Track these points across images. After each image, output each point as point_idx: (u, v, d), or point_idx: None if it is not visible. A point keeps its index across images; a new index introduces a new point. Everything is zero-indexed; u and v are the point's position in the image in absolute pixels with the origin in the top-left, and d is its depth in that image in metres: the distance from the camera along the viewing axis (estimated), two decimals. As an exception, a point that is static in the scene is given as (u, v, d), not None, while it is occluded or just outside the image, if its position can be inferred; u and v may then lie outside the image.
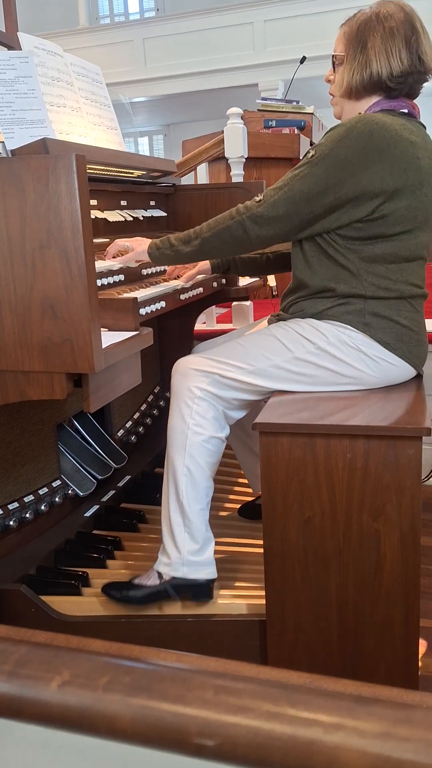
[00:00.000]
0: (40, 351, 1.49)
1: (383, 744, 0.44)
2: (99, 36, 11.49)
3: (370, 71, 1.93)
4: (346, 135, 1.82)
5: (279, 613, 1.86)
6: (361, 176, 1.81)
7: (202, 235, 1.99)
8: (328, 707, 0.47)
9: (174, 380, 2.00)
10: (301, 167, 1.88)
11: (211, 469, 2.01)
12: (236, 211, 1.95)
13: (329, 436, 1.74)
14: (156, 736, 0.49)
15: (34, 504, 2.20)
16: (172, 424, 1.98)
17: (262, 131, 4.76)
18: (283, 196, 1.88)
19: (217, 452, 2.02)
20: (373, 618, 1.80)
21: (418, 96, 2.02)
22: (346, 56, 1.97)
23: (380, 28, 1.91)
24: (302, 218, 1.89)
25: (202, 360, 1.99)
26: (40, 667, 0.54)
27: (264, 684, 0.50)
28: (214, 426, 1.98)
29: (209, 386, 1.96)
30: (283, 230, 1.92)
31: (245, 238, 1.95)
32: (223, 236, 1.96)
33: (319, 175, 1.84)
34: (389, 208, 1.84)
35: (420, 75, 1.94)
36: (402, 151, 1.82)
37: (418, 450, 1.70)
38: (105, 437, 2.58)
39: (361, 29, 1.94)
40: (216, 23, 10.65)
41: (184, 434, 1.96)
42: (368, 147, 1.80)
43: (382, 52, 1.91)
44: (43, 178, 1.41)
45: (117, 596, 2.05)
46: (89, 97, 2.31)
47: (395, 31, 1.90)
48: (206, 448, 1.98)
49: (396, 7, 1.93)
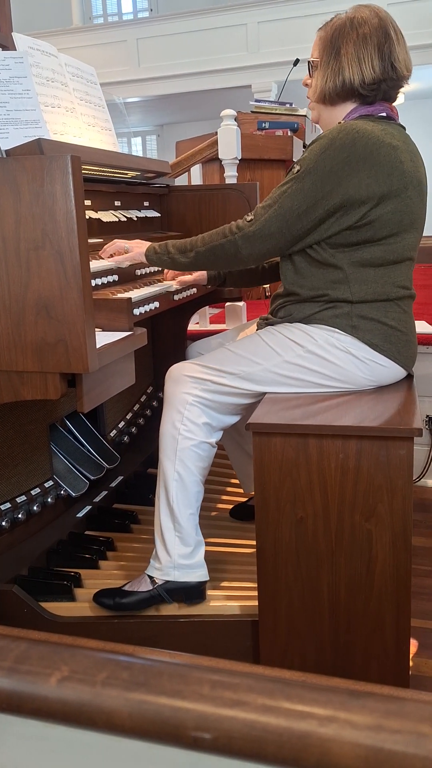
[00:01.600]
0: (34, 351, 1.49)
1: (375, 736, 0.45)
2: (92, 36, 11.47)
3: (342, 78, 1.93)
4: (329, 146, 1.83)
5: (271, 613, 1.87)
6: (347, 185, 1.82)
7: (197, 248, 2.01)
8: (321, 700, 0.48)
9: (167, 387, 2.02)
10: (288, 183, 1.89)
11: (201, 473, 2.03)
12: (229, 230, 1.97)
13: (322, 437, 1.75)
14: (153, 730, 0.50)
15: (27, 504, 2.21)
16: (163, 430, 2.01)
17: (256, 133, 4.77)
18: (274, 214, 1.89)
19: (208, 457, 2.04)
20: (364, 618, 1.81)
21: (396, 100, 2.03)
22: (320, 62, 1.98)
23: (354, 35, 1.91)
24: (294, 233, 1.90)
25: (194, 367, 2.00)
26: (39, 663, 0.55)
27: (259, 679, 0.51)
28: (204, 431, 2.01)
29: (201, 392, 1.99)
30: (276, 246, 1.94)
31: (238, 256, 1.97)
32: (217, 252, 1.99)
33: (306, 189, 1.85)
34: (376, 214, 1.85)
35: (393, 82, 1.94)
36: (385, 157, 1.83)
37: (410, 450, 1.71)
38: (98, 438, 2.58)
39: (335, 35, 1.94)
40: (210, 24, 10.65)
41: (175, 440, 1.99)
42: (351, 156, 1.81)
43: (355, 60, 1.91)
44: (38, 179, 1.42)
45: (109, 604, 2.06)
46: (83, 97, 2.32)
47: (368, 38, 1.90)
48: (196, 453, 2.00)
49: (371, 13, 1.93)
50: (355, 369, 1.95)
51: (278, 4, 10.21)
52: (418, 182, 1.91)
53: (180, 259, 2.05)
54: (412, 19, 8.90)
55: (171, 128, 14.71)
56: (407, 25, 1.99)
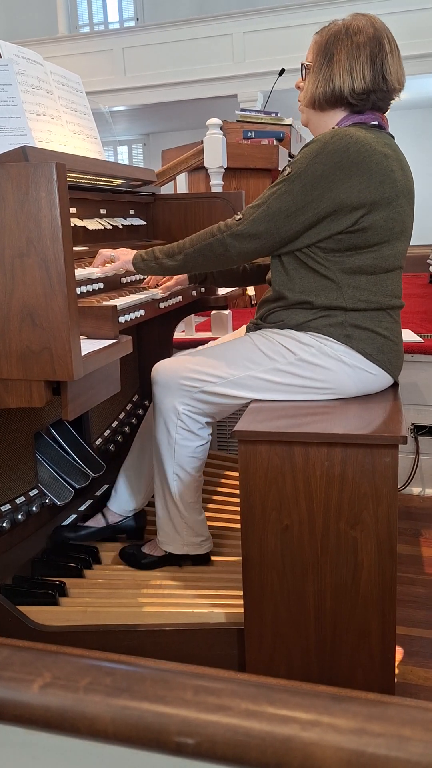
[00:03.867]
0: (18, 359, 1.49)
1: (358, 739, 0.45)
2: (78, 44, 11.49)
3: (332, 85, 1.95)
4: (321, 150, 1.83)
5: (257, 621, 1.87)
6: (338, 190, 1.83)
7: (185, 250, 2.02)
8: (304, 705, 0.48)
9: (155, 391, 2.04)
10: (279, 185, 1.90)
11: (199, 471, 2.15)
12: (217, 229, 1.98)
13: (307, 444, 1.75)
14: (136, 736, 0.50)
15: (11, 513, 2.19)
16: (158, 437, 2.07)
17: (242, 142, 4.79)
18: (262, 214, 1.90)
19: (204, 452, 2.15)
20: (350, 625, 1.81)
21: (387, 111, 2.04)
22: (313, 67, 2.00)
23: (348, 43, 1.92)
24: (282, 235, 1.91)
25: (183, 367, 2.01)
26: (22, 669, 0.55)
27: (243, 684, 0.51)
28: (198, 435, 2.10)
29: (191, 400, 2.04)
30: (264, 246, 1.94)
31: (226, 255, 1.97)
32: (205, 252, 1.99)
33: (296, 192, 1.86)
34: (369, 221, 1.86)
35: (383, 93, 1.95)
36: (377, 164, 1.84)
37: (395, 458, 1.72)
38: (83, 446, 2.57)
39: (330, 42, 1.95)
40: (195, 34, 10.69)
41: (171, 447, 2.08)
42: (344, 161, 1.82)
43: (346, 68, 1.92)
44: (23, 186, 1.41)
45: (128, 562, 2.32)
46: (69, 105, 2.32)
47: (362, 47, 1.91)
48: (193, 457, 2.11)
49: (367, 22, 1.94)
50: (345, 377, 1.96)
51: (264, 14, 10.28)
52: (408, 191, 1.93)
53: (168, 263, 2.05)
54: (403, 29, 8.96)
55: (157, 137, 14.75)
56: (397, 36, 2.00)
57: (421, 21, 9.42)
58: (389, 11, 9.13)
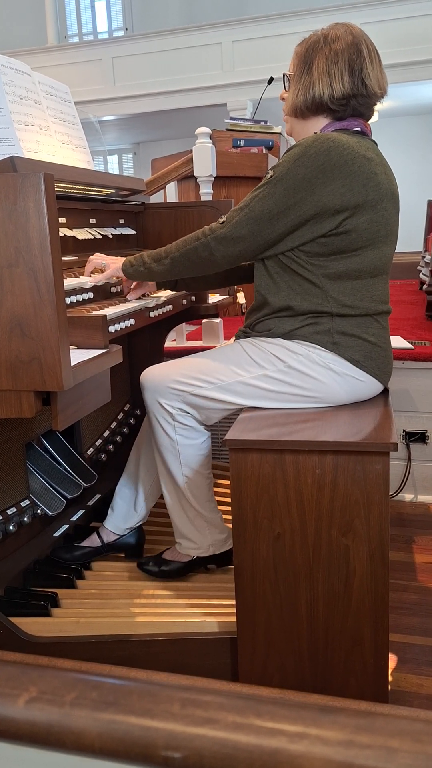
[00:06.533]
0: (8, 369, 1.48)
1: (346, 751, 0.45)
2: (67, 54, 11.50)
3: (312, 93, 1.96)
4: (303, 154, 1.84)
5: (250, 629, 1.86)
6: (320, 194, 1.83)
7: (171, 255, 2.02)
8: (292, 717, 0.48)
9: (146, 396, 2.04)
10: (261, 188, 1.90)
11: (206, 467, 2.15)
12: (202, 233, 1.98)
13: (298, 452, 1.75)
14: (123, 750, 0.50)
15: (3, 524, 2.18)
16: (160, 442, 2.07)
17: (231, 150, 4.80)
18: (245, 217, 1.90)
19: (207, 446, 2.15)
20: (343, 633, 1.81)
21: (371, 118, 2.05)
22: (294, 76, 2.02)
23: (326, 50, 1.94)
24: (266, 238, 1.91)
25: (172, 372, 2.01)
26: (7, 683, 0.54)
27: (230, 696, 0.51)
28: (198, 430, 2.10)
29: (182, 404, 2.04)
30: (247, 249, 1.95)
31: (211, 259, 1.97)
32: (191, 256, 1.99)
33: (278, 195, 1.86)
34: (352, 224, 1.86)
35: (364, 98, 1.96)
36: (360, 168, 1.85)
37: (386, 465, 1.72)
38: (74, 456, 2.56)
39: (309, 51, 1.97)
40: (185, 43, 10.73)
41: (175, 449, 2.08)
42: (326, 165, 1.82)
43: (325, 75, 1.94)
44: (10, 196, 1.41)
45: (155, 571, 2.27)
46: (57, 115, 2.32)
47: (340, 54, 1.92)
48: (198, 453, 2.11)
49: (345, 31, 1.96)
50: (334, 384, 1.95)
51: (253, 23, 10.32)
52: (392, 195, 1.94)
53: (156, 267, 2.05)
54: (389, 37, 9.03)
55: (147, 146, 14.77)
56: (379, 45, 2.01)
57: (406, 29, 9.48)
58: (376, 20, 9.20)
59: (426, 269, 5.64)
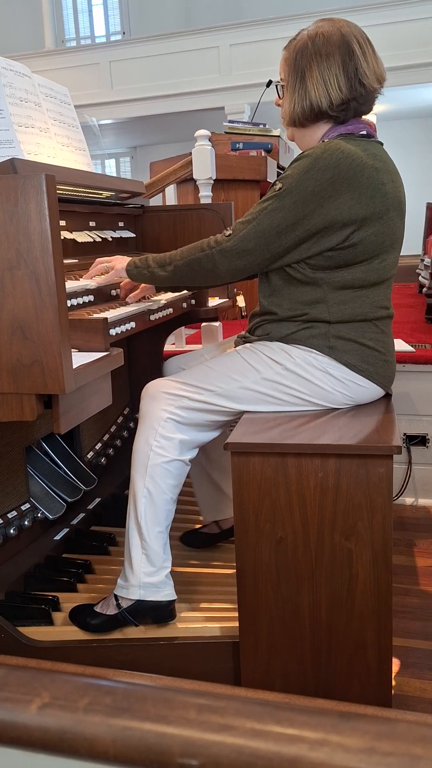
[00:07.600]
0: (9, 372, 1.48)
1: (368, 759, 0.44)
2: (65, 58, 11.49)
3: (309, 102, 1.91)
4: (313, 166, 1.80)
5: (252, 634, 1.85)
6: (329, 207, 1.81)
7: (175, 262, 2.00)
8: (312, 723, 0.47)
9: (143, 404, 1.99)
10: (269, 200, 1.87)
11: (172, 492, 1.98)
12: (207, 245, 1.95)
13: (301, 455, 1.74)
14: (138, 757, 0.49)
15: (3, 528, 2.17)
16: (136, 446, 1.97)
17: (230, 153, 4.80)
18: (252, 230, 1.87)
19: (180, 475, 1.99)
20: (346, 637, 1.80)
21: (372, 110, 2.00)
22: (287, 85, 1.97)
23: (317, 57, 1.88)
24: (273, 251, 1.88)
25: (171, 383, 1.98)
26: (19, 689, 0.53)
27: (247, 702, 0.50)
28: (178, 448, 1.96)
29: (177, 409, 1.96)
30: (253, 263, 1.92)
31: (215, 271, 1.95)
32: (194, 267, 1.97)
33: (287, 208, 1.83)
34: (359, 237, 1.84)
35: (363, 98, 1.91)
36: (368, 180, 1.82)
37: (389, 468, 1.71)
38: (74, 459, 2.55)
39: (299, 58, 1.91)
40: (182, 47, 10.73)
41: (147, 456, 1.95)
42: (335, 178, 1.79)
43: (320, 83, 1.88)
44: (12, 198, 1.40)
45: (80, 623, 2.04)
46: (57, 118, 2.31)
47: (331, 57, 1.87)
48: (167, 470, 1.95)
49: (332, 28, 1.89)
50: (333, 388, 1.94)
51: (250, 26, 10.32)
52: (398, 203, 1.91)
53: (159, 273, 2.03)
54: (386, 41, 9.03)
55: (145, 150, 14.77)
56: (377, 48, 1.96)
57: (404, 33, 9.48)
58: (372, 23, 9.18)
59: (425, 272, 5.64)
